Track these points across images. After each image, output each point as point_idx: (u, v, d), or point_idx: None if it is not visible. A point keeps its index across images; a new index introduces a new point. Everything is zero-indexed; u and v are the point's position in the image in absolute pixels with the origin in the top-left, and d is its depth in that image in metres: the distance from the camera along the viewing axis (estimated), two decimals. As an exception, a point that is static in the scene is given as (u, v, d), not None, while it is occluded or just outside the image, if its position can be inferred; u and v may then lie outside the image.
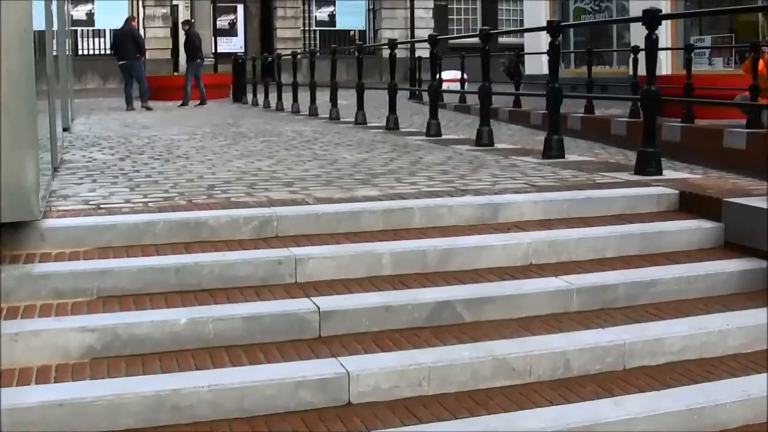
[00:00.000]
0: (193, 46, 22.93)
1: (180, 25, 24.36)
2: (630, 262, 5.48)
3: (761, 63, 14.09)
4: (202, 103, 22.02)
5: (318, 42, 38.21)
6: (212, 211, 5.61)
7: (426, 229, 5.65)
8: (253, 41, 39.98)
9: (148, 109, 20.11)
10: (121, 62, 21.01)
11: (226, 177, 7.41)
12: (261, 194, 6.32)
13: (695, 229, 5.94)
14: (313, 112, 17.02)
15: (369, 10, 39.53)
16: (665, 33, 23.16)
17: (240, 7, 40.45)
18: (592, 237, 5.65)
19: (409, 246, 5.30)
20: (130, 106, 20.30)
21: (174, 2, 37.81)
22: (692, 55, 16.28)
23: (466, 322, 4.73)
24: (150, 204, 5.93)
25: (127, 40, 20.98)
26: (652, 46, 7.47)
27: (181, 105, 21.77)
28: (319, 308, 4.53)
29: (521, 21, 34.86)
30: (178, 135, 12.30)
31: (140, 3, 34.85)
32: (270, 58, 26.13)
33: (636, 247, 5.68)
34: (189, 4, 38.99)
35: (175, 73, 29.46)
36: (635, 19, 8.77)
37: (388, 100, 13.14)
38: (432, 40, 12.04)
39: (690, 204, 6.31)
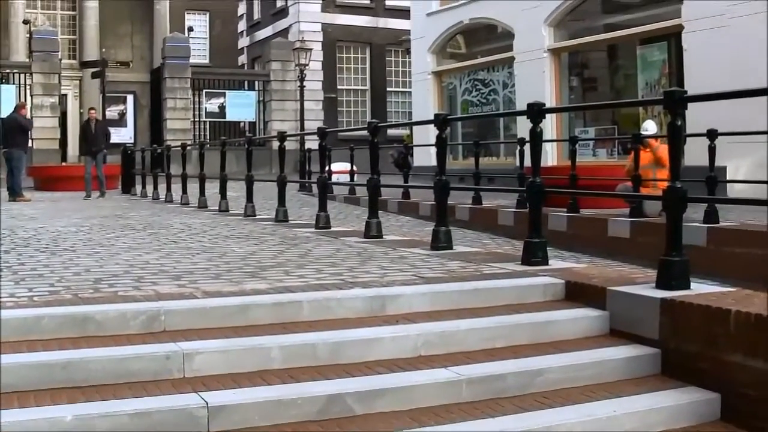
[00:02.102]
0: (105, 135, 22.82)
1: (88, 113, 24.06)
2: (519, 352, 5.53)
3: (644, 154, 14.46)
4: (102, 194, 21.85)
5: (208, 133, 38.17)
6: (99, 305, 5.53)
7: (315, 322, 5.63)
8: (142, 132, 39.96)
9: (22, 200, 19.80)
10: (4, 150, 20.74)
11: (114, 270, 7.31)
12: (149, 288, 6.24)
13: (581, 317, 6.04)
14: (203, 204, 16.96)
15: (259, 101, 39.70)
16: (550, 124, 23.78)
17: (130, 98, 40.48)
18: (481, 327, 5.70)
19: (298, 339, 5.27)
20: (17, 197, 20.02)
21: (63, 92, 37.56)
22: (576, 146, 16.64)
23: (357, 415, 4.71)
24: (35, 298, 5.83)
25: (13, 128, 20.72)
26: (536, 138, 7.63)
27: (100, 196, 21.54)
28: (207, 404, 4.47)
29: (410, 113, 35.31)
30: (65, 227, 12.14)
31: (28, 92, 34.43)
32: (159, 149, 26.04)
33: (524, 336, 5.74)
34: (78, 94, 38.84)
35: (63, 164, 29.20)
36: (520, 113, 8.98)
37: (277, 192, 13.17)
38: (321, 132, 12.13)
39: (576, 293, 6.43)
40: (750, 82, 12.58)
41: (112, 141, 26.94)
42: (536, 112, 7.53)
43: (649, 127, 15.49)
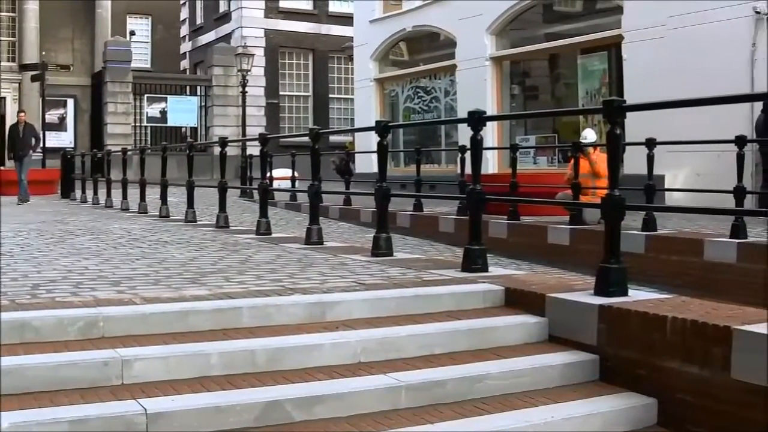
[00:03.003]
0: (33, 139, 22.51)
1: (17, 116, 23.73)
2: (458, 359, 5.55)
3: (583, 162, 14.59)
4: (23, 200, 21.48)
5: (149, 138, 37.95)
6: (37, 311, 5.47)
7: (255, 328, 5.61)
8: (83, 136, 39.67)
9: None
10: None
11: (52, 276, 7.23)
12: (87, 294, 6.17)
13: (521, 324, 6.08)
14: (143, 210, 16.85)
15: (201, 107, 39.53)
16: (492, 132, 23.91)
17: (70, 102, 40.16)
18: (421, 334, 5.71)
19: (238, 346, 5.25)
20: None
21: (1, 95, 37.15)
22: (517, 154, 16.75)
23: (296, 421, 4.70)
24: (-30, 306, 5.75)
25: None
26: (476, 146, 7.67)
27: (20, 201, 21.20)
28: (146, 410, 4.43)
29: (353, 120, 35.33)
30: (2, 232, 11.99)
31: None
32: (100, 154, 25.84)
33: (464, 343, 5.76)
34: (17, 97, 38.41)
35: (1, 168, 28.86)
36: (461, 120, 9.00)
37: (218, 198, 13.13)
38: (262, 138, 12.10)
39: (515, 300, 6.47)
40: (687, 92, 12.72)
41: (51, 145, 26.74)
42: (477, 119, 7.57)
43: (589, 135, 15.63)
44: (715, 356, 4.94)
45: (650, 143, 13.22)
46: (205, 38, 45.60)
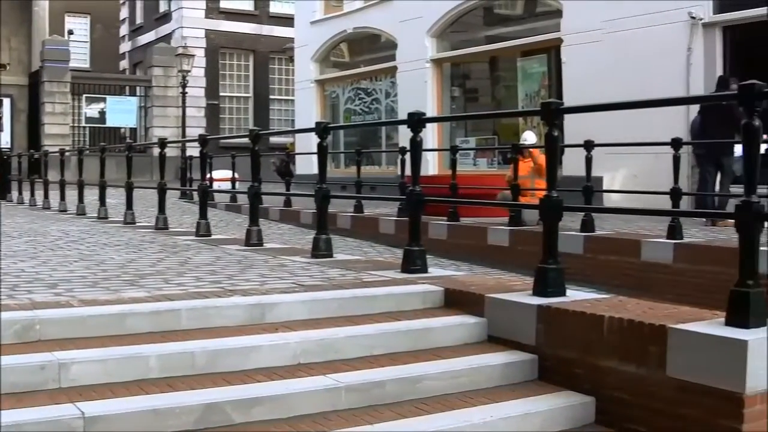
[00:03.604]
0: None
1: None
2: (398, 359, 5.56)
3: (523, 164, 14.69)
4: None
5: (88, 139, 37.58)
6: (-30, 315, 5.40)
7: (194, 330, 5.58)
8: (20, 137, 39.18)
9: None
10: None
11: (-13, 279, 7.15)
12: (23, 297, 6.09)
13: (460, 324, 6.12)
14: (81, 212, 16.70)
15: (140, 107, 39.25)
16: (432, 134, 23.99)
17: (6, 101, 39.58)
18: (360, 335, 5.72)
19: (176, 348, 5.22)
20: None
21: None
22: (457, 155, 16.81)
23: (235, 423, 4.68)
24: None
25: None
26: (416, 148, 7.69)
27: None
28: (84, 414, 4.39)
29: (293, 121, 35.26)
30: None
31: None
32: (37, 155, 25.57)
33: (403, 344, 5.78)
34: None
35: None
36: (401, 122, 9.03)
37: (158, 199, 13.05)
38: (202, 139, 12.04)
39: (455, 300, 6.50)
40: (625, 95, 12.88)
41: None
42: (416, 121, 7.59)
43: (528, 137, 15.74)
44: (652, 355, 5.01)
45: (588, 145, 13.33)
46: (144, 38, 45.26)
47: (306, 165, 27.49)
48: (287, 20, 37.21)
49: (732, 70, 17.19)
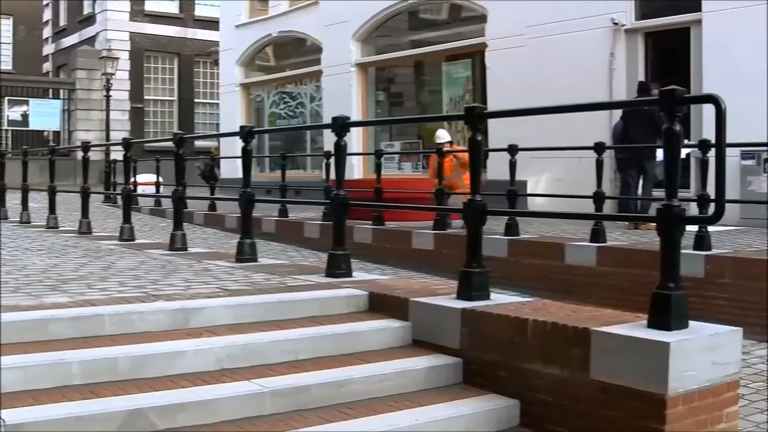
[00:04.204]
0: None
1: None
2: (322, 364, 5.54)
3: (447, 164, 14.78)
4: None
5: (10, 142, 36.99)
6: None
7: (118, 336, 5.52)
8: (-61, 140, 38.46)
9: None
10: None
11: None
12: (-58, 303, 6.01)
13: (384, 328, 6.12)
14: (3, 216, 16.42)
15: (64, 110, 38.78)
16: (357, 138, 24.01)
17: (-75, 104, 38.91)
18: (285, 340, 5.70)
19: (99, 354, 5.15)
20: None
21: None
22: (382, 159, 16.84)
23: (159, 429, 4.64)
24: None
25: None
26: (340, 152, 7.69)
27: None
28: (4, 422, 4.32)
29: (218, 125, 35.08)
30: None
31: None
32: (-44, 159, 25.10)
33: (328, 348, 5.77)
34: None
35: None
36: (325, 126, 9.03)
37: (81, 203, 12.90)
38: (126, 143, 11.94)
39: (379, 304, 6.51)
40: (549, 100, 13.00)
41: None
42: (340, 125, 7.59)
43: (442, 134, 15.81)
44: (575, 357, 5.05)
45: (512, 149, 13.42)
46: (68, 40, 44.73)
47: (231, 169, 27.40)
48: (212, 23, 37.00)
49: (654, 76, 17.48)
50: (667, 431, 4.61)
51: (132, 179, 14.69)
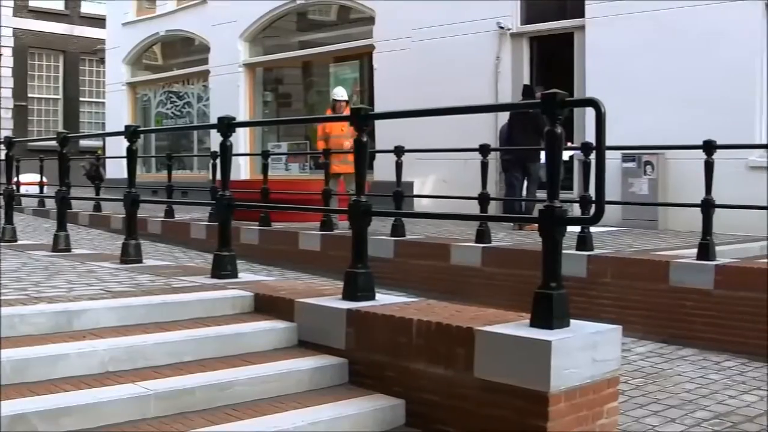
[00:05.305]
0: None
1: None
2: (208, 366, 5.52)
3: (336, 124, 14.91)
4: None
5: None
6: None
7: (-2, 339, 5.44)
8: None
9: None
10: None
11: None
12: None
13: (270, 329, 6.13)
14: None
15: (-57, 109, 37.95)
16: (244, 139, 23.92)
17: None
18: (170, 342, 5.66)
19: (-21, 358, 5.07)
20: None
21: None
22: (269, 160, 16.78)
23: (41, 434, 4.59)
24: None
25: None
26: (225, 152, 7.66)
27: None
28: None
29: (104, 124, 34.57)
30: None
31: None
32: None
33: (213, 350, 5.75)
34: None
35: None
36: (211, 126, 9.00)
37: (-40, 204, 12.64)
38: (7, 141, 11.72)
39: (265, 306, 6.51)
40: (436, 102, 13.10)
41: None
42: (226, 125, 7.56)
43: (340, 92, 15.93)
44: (459, 357, 5.11)
45: (399, 151, 13.50)
46: (-52, 37, 43.68)
47: (117, 169, 27.03)
48: (99, 21, 36.46)
49: (539, 79, 17.77)
50: (549, 428, 4.71)
51: (15, 179, 14.38)
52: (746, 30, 14.69)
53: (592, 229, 11.45)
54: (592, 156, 11.01)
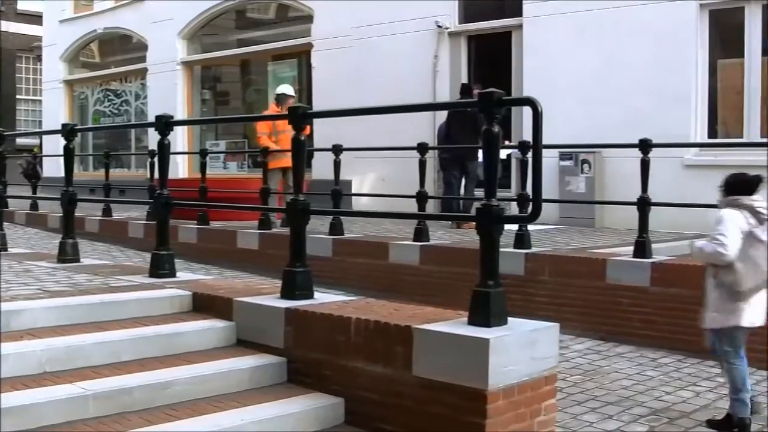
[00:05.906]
0: None
1: None
2: (146, 365, 5.51)
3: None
4: None
5: None
6: None
7: (-67, 340, 5.38)
8: None
9: None
10: None
11: None
12: None
13: (209, 329, 6.12)
14: None
15: None
16: (182, 137, 23.79)
17: None
18: (108, 342, 5.64)
19: None
20: None
21: None
22: (207, 159, 16.71)
23: (-23, 435, 4.56)
24: None
25: None
26: (163, 150, 7.64)
27: None
28: None
29: (41, 122, 34.19)
30: None
31: None
32: None
33: (151, 349, 5.74)
34: None
35: None
36: (149, 124, 8.97)
37: None
38: (-60, 140, 11.57)
39: (203, 305, 6.50)
40: (374, 100, 13.15)
41: None
42: (164, 124, 7.54)
43: (287, 89, 15.82)
44: (398, 355, 5.15)
45: (337, 149, 13.51)
46: None
47: (54, 167, 26.73)
48: (36, 18, 36.01)
49: (477, 78, 17.84)
50: (487, 425, 4.75)
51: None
52: (681, 29, 14.86)
53: (530, 227, 11.55)
54: (529, 154, 11.10)
